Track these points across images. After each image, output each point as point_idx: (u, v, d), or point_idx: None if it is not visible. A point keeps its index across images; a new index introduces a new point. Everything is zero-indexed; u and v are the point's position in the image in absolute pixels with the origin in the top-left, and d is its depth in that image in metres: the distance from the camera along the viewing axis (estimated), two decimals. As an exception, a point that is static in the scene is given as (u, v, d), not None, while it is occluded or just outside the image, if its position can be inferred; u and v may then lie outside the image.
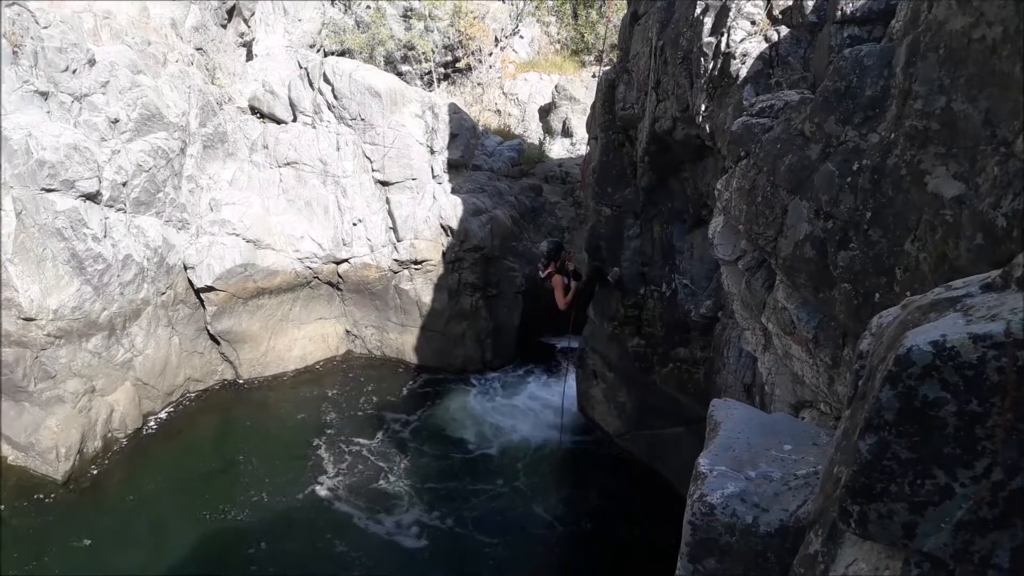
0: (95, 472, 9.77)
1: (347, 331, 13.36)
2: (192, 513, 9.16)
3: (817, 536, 1.70)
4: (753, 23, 5.62)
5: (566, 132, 18.15)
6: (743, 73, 5.55)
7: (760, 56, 5.45)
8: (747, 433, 2.44)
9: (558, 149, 17.92)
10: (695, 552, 2.13)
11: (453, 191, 13.15)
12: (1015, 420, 1.27)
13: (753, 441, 2.40)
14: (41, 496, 9.21)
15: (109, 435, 10.16)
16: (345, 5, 18.16)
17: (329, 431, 11.05)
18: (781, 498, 2.11)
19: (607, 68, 11.18)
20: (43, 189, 9.39)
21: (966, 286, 1.58)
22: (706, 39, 6.06)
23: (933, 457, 1.33)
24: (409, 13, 18.16)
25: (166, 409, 11.16)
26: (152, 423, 10.86)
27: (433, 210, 12.82)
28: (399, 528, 9.18)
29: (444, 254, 12.77)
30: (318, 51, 17.09)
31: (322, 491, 9.74)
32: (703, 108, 6.20)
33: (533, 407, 11.92)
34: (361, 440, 10.86)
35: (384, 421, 11.40)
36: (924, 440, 1.34)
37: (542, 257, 9.61)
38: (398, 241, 12.77)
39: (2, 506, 9.00)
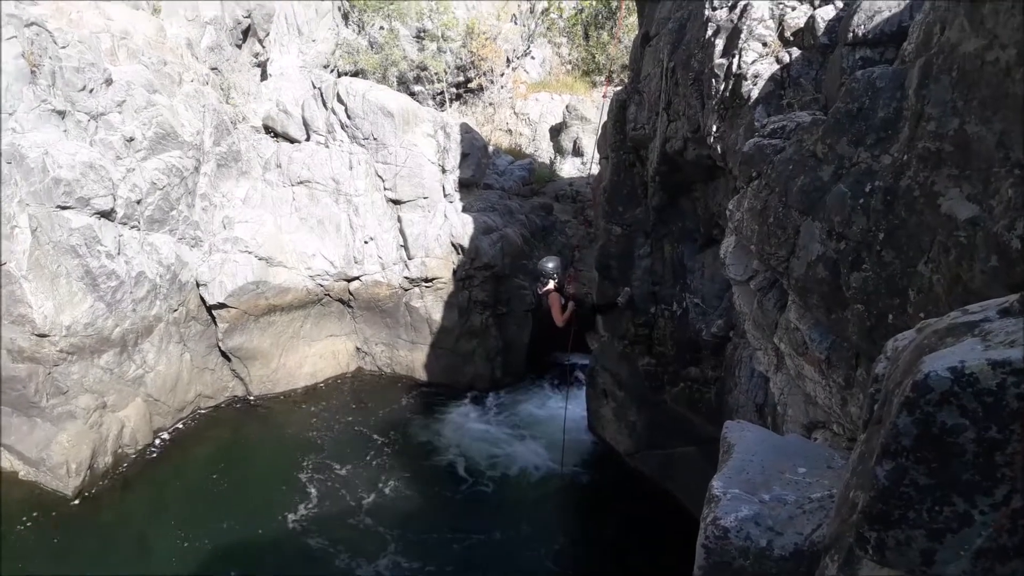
0: (104, 488, 9.77)
1: (357, 348, 13.37)
2: (188, 533, 9.05)
3: (833, 561, 1.68)
4: (764, 45, 5.64)
5: (577, 151, 18.24)
6: (754, 94, 5.57)
7: (771, 77, 5.47)
8: (761, 455, 2.42)
9: (569, 168, 17.99)
10: (709, 576, 2.11)
11: (464, 210, 13.20)
12: (1035, 447, 1.25)
13: (767, 463, 2.38)
14: (51, 511, 9.21)
15: (119, 451, 10.18)
16: (359, 26, 18.37)
17: (328, 453, 10.79)
18: (795, 521, 2.09)
19: (618, 88, 11.22)
20: (58, 206, 9.49)
21: (983, 310, 1.57)
22: (717, 60, 6.09)
23: (952, 484, 1.32)
24: (422, 34, 18.35)
25: (176, 425, 11.17)
26: (161, 440, 10.86)
27: (444, 228, 12.86)
28: (378, 573, 8.65)
29: (455, 272, 12.79)
30: (332, 71, 17.26)
31: (297, 524, 9.33)
32: (714, 129, 6.22)
33: (540, 428, 11.78)
34: (357, 463, 10.61)
35: (386, 444, 11.20)
36: (942, 467, 1.32)
37: (542, 275, 9.53)
38: (409, 259, 12.81)
39: (2, 524, 8.94)
